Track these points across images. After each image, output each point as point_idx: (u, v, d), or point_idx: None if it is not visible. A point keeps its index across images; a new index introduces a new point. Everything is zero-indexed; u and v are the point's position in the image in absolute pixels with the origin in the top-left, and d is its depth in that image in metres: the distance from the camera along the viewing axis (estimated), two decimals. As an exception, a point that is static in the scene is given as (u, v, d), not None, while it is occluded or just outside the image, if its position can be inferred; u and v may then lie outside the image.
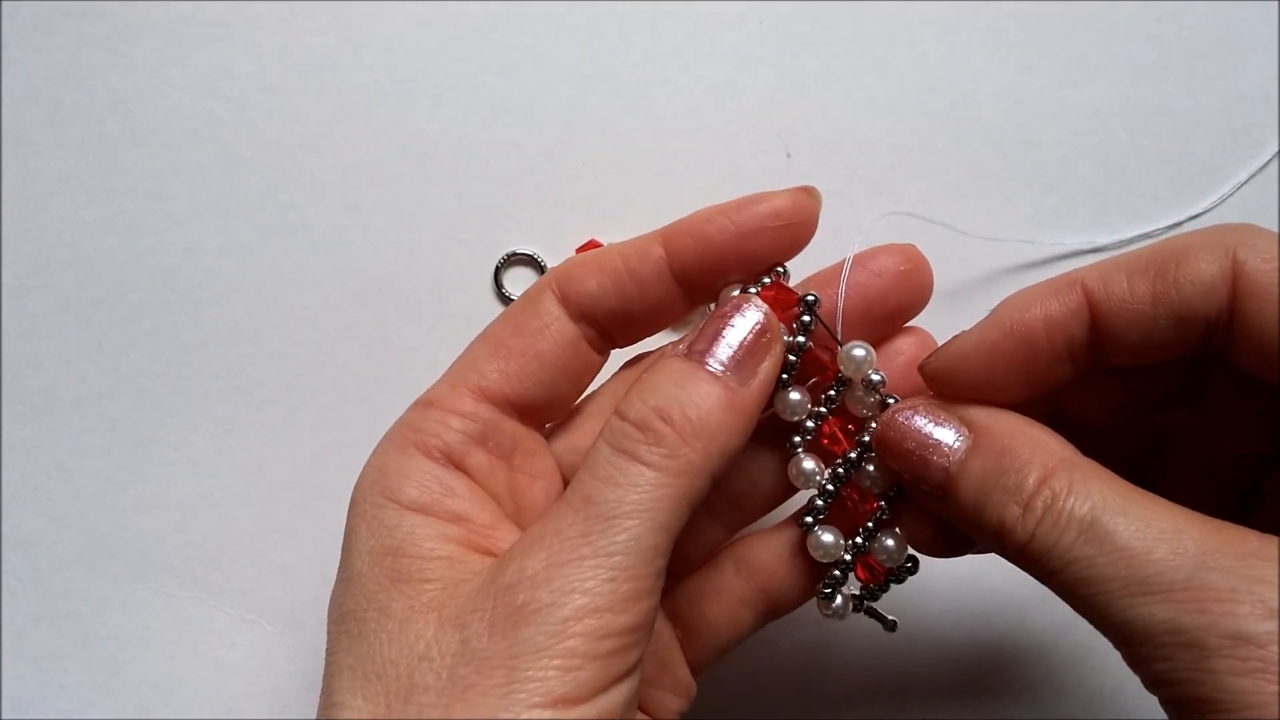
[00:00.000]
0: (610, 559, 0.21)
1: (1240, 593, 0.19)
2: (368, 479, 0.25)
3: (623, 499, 0.22)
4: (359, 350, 0.35)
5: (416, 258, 0.35)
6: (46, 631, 0.35)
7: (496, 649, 0.21)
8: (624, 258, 0.26)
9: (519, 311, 0.26)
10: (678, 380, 0.23)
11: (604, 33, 0.35)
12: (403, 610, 0.22)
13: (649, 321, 0.27)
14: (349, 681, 0.22)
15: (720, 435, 0.23)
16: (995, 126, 0.35)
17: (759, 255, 0.26)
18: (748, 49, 0.35)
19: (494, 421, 0.26)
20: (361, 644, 0.22)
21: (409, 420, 0.25)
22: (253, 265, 0.35)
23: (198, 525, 0.35)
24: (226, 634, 0.35)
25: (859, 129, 0.35)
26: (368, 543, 0.23)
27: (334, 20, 0.35)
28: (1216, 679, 0.18)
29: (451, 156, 0.35)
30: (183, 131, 0.35)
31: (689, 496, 0.23)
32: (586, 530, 0.21)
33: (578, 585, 0.21)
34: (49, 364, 0.35)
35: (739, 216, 0.25)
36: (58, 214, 0.35)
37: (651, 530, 0.22)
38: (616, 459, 0.22)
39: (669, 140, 0.35)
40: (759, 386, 0.24)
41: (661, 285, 0.26)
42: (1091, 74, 0.35)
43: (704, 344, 0.24)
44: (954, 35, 0.35)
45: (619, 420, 0.23)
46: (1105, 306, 0.23)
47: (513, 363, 0.26)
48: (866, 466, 0.26)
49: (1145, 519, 0.20)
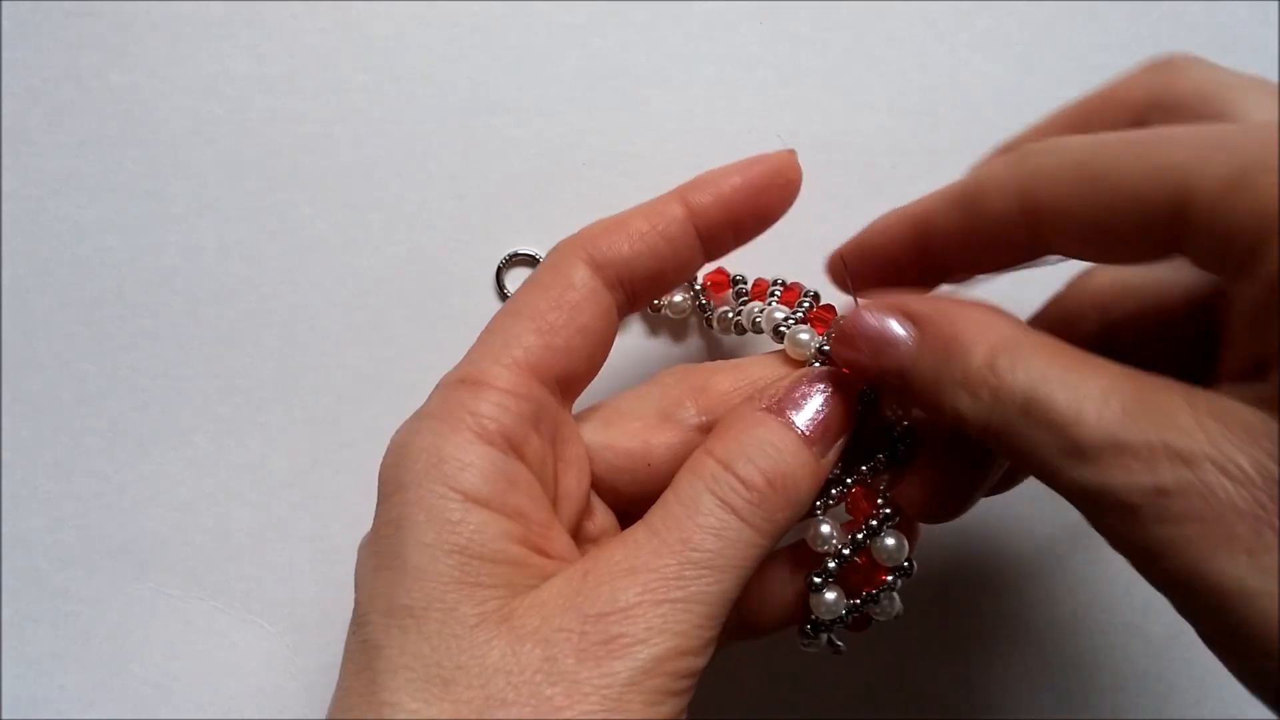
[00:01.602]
0: (702, 606, 0.22)
1: (1155, 446, 0.19)
2: (421, 463, 0.23)
3: (722, 551, 0.23)
4: (359, 350, 0.35)
5: (417, 258, 0.35)
6: (46, 631, 0.35)
7: (588, 676, 0.21)
8: (649, 219, 0.26)
9: (552, 282, 0.26)
10: (778, 444, 0.24)
11: (604, 33, 0.35)
12: (471, 615, 0.22)
13: (674, 281, 0.28)
14: (406, 682, 0.21)
15: (805, 505, 0.25)
16: (995, 126, 0.35)
17: (764, 211, 0.27)
18: (748, 49, 0.35)
19: (544, 401, 0.25)
20: (423, 644, 0.21)
21: (459, 400, 0.24)
22: (253, 265, 0.35)
23: (198, 525, 0.35)
24: (226, 634, 0.35)
25: (859, 129, 0.35)
26: (428, 535, 0.22)
27: (334, 20, 0.35)
28: (1146, 532, 0.19)
29: (451, 156, 0.35)
30: (183, 131, 0.35)
31: (765, 555, 0.24)
32: (681, 574, 0.22)
33: (671, 627, 0.22)
34: (49, 364, 0.35)
35: (750, 173, 0.27)
36: (58, 214, 0.35)
37: (737, 585, 0.23)
38: (721, 511, 0.23)
39: (669, 140, 0.35)
40: (832, 460, 0.25)
41: (687, 242, 0.27)
42: (1091, 74, 0.35)
43: (794, 407, 0.25)
44: (954, 35, 0.35)
45: (724, 472, 0.24)
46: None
47: (556, 336, 0.25)
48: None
49: (1078, 386, 0.20)
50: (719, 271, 0.34)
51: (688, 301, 0.34)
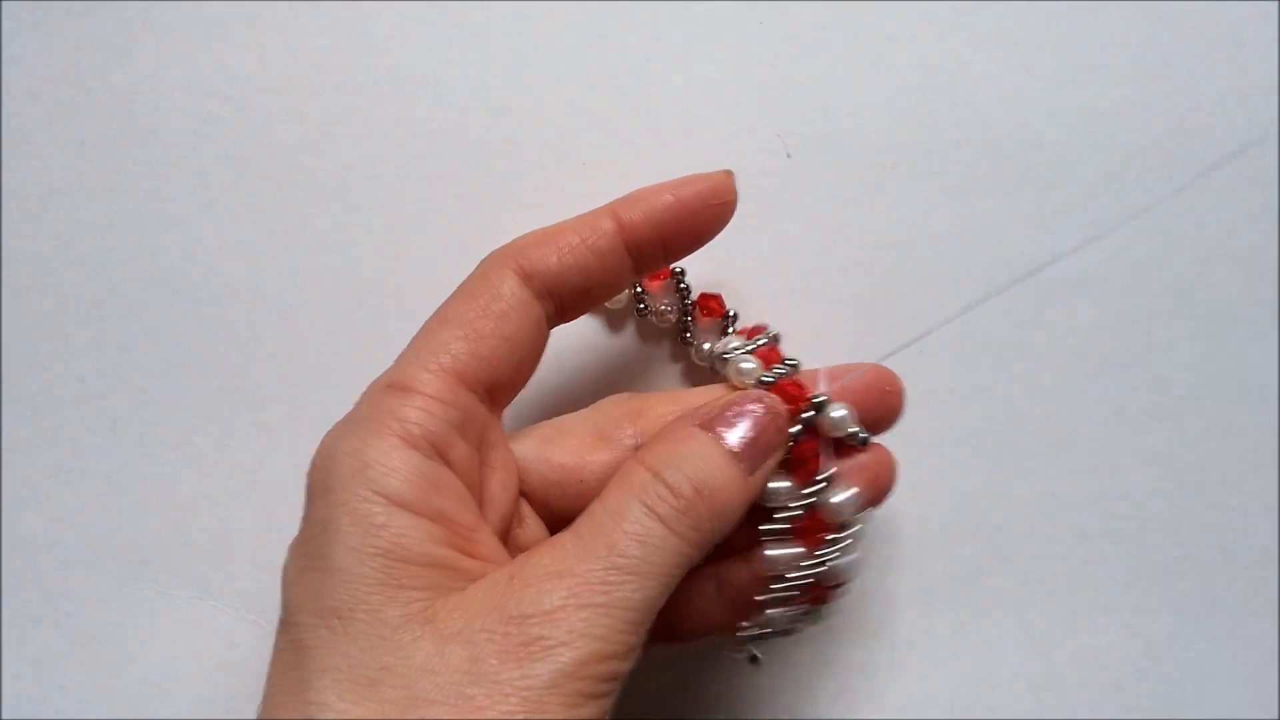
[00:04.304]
0: (626, 612, 0.22)
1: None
2: (346, 467, 0.24)
3: (647, 558, 0.23)
4: (359, 350, 0.35)
5: (417, 258, 0.35)
6: (46, 631, 0.35)
7: (509, 677, 0.21)
8: (579, 233, 0.27)
9: (480, 291, 0.26)
10: (707, 456, 0.25)
11: (604, 33, 0.35)
12: (396, 617, 0.22)
13: (604, 295, 0.28)
14: (333, 682, 0.22)
15: (732, 518, 0.25)
16: (995, 126, 0.35)
17: (696, 230, 0.28)
18: (748, 49, 0.35)
19: (471, 408, 0.25)
20: (350, 646, 0.22)
21: (386, 405, 0.25)
22: (253, 265, 0.35)
23: (198, 525, 0.35)
24: (226, 634, 0.35)
25: (859, 129, 0.35)
26: (353, 538, 0.23)
27: (334, 20, 0.35)
28: None
29: (451, 156, 0.35)
30: (183, 131, 0.35)
31: (691, 565, 0.24)
32: (606, 579, 0.22)
33: (592, 631, 0.22)
34: (49, 364, 0.35)
35: (682, 192, 0.27)
36: (58, 214, 0.35)
37: (662, 592, 0.23)
38: (647, 519, 0.23)
39: (669, 140, 0.35)
40: (761, 479, 0.26)
41: (616, 257, 0.27)
42: (1091, 74, 0.35)
43: (726, 425, 0.25)
44: (954, 35, 0.35)
45: (653, 480, 0.24)
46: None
47: (483, 345, 0.25)
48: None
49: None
50: (707, 297, 0.34)
51: (626, 294, 0.34)
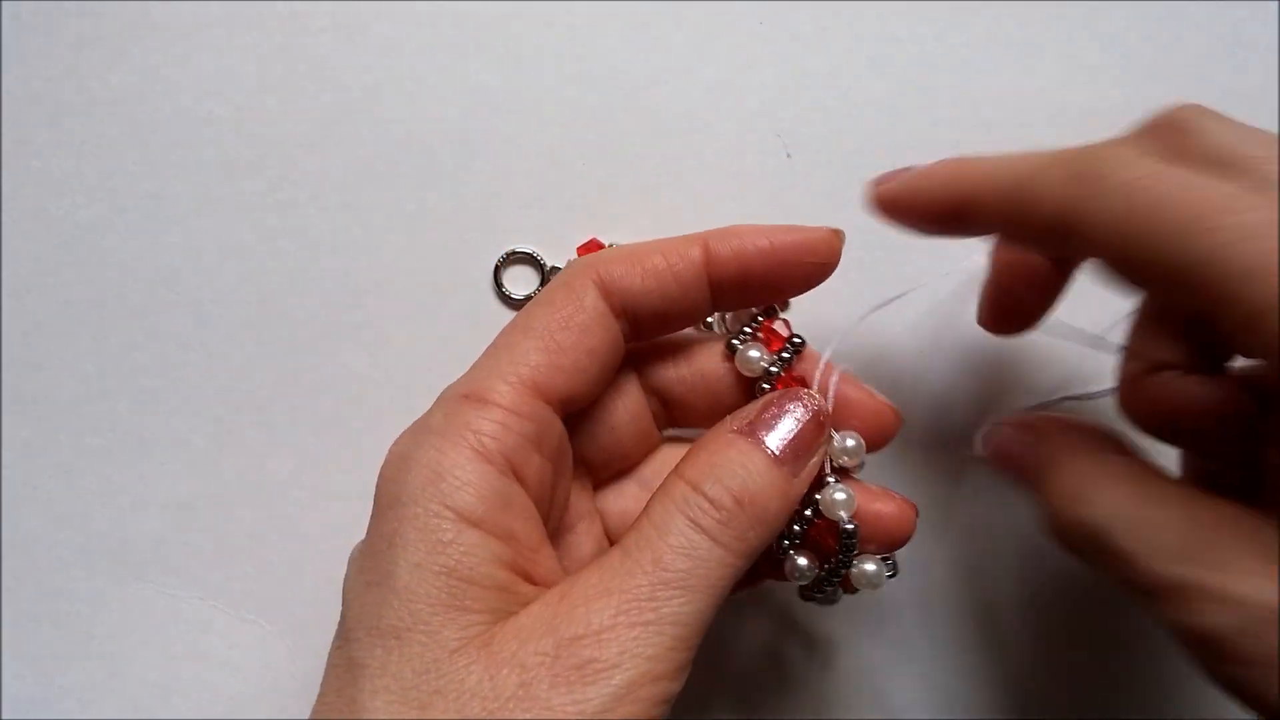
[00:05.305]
0: (675, 628, 0.22)
1: (1213, 589, 0.20)
2: (419, 478, 0.23)
3: (693, 571, 0.23)
4: (359, 350, 0.35)
5: (416, 257, 0.35)
6: (46, 631, 0.35)
7: (560, 701, 0.21)
8: (666, 256, 0.26)
9: (563, 303, 0.25)
10: (747, 464, 0.24)
11: (604, 33, 0.35)
12: (453, 640, 0.22)
13: (680, 322, 0.27)
14: (385, 702, 0.21)
15: (776, 524, 0.24)
16: (995, 126, 0.35)
17: (785, 281, 0.27)
18: (748, 49, 0.35)
19: (547, 420, 0.25)
20: (404, 666, 0.22)
21: (462, 416, 0.24)
22: (253, 265, 0.35)
23: (198, 525, 0.35)
24: (226, 634, 0.35)
25: (859, 129, 0.35)
26: (418, 553, 0.22)
27: (334, 20, 0.35)
28: (1210, 667, 0.21)
29: (451, 156, 0.35)
30: (183, 131, 0.35)
31: (739, 576, 0.24)
32: (654, 595, 0.22)
33: (644, 651, 0.22)
34: (49, 364, 0.35)
35: (779, 239, 0.26)
36: (58, 214, 0.35)
37: (711, 605, 0.23)
38: (691, 532, 0.23)
39: (669, 140, 0.35)
40: (806, 479, 0.25)
41: (698, 288, 0.26)
42: (1091, 74, 0.35)
43: (765, 429, 0.25)
44: (954, 35, 0.35)
45: (694, 493, 0.24)
46: None
47: (564, 357, 0.25)
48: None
49: (1145, 525, 0.22)
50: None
51: None
